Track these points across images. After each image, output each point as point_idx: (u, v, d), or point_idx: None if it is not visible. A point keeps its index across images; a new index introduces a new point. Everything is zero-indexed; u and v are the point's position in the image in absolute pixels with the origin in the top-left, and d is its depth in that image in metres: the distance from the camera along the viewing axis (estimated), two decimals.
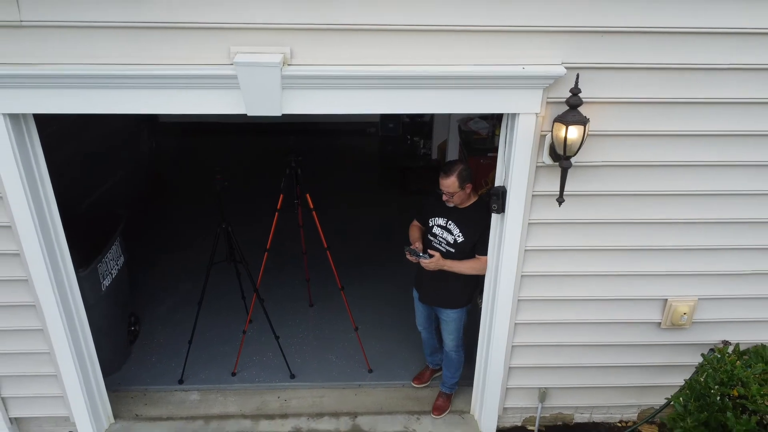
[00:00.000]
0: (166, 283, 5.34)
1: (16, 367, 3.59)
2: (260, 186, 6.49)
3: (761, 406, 2.40)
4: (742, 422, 2.36)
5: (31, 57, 2.74)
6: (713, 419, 2.51)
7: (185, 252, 5.73)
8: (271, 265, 4.39)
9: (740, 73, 2.93)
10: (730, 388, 2.53)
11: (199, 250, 5.35)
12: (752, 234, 3.36)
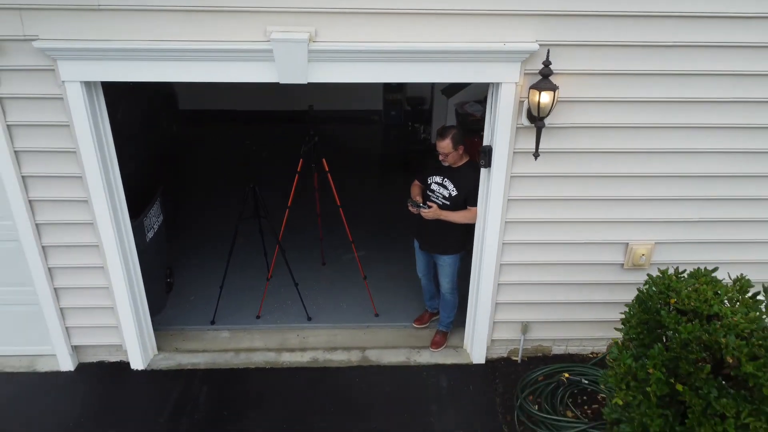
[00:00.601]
0: (197, 241, 6.02)
1: (80, 300, 4.25)
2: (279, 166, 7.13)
3: (688, 306, 3.05)
4: (672, 316, 3.00)
5: (104, 34, 3.38)
6: (652, 319, 3.16)
7: (211, 217, 6.42)
8: (288, 225, 5.03)
9: (685, 49, 3.56)
10: (667, 297, 3.18)
11: (223, 216, 6.03)
12: (702, 186, 4.01)
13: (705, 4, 3.41)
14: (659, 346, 2.99)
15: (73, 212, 3.93)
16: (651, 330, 3.18)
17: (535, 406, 4.16)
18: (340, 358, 4.68)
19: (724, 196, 4.03)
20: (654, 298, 3.18)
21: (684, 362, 2.91)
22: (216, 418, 4.10)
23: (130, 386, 4.42)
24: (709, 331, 2.87)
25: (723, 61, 3.59)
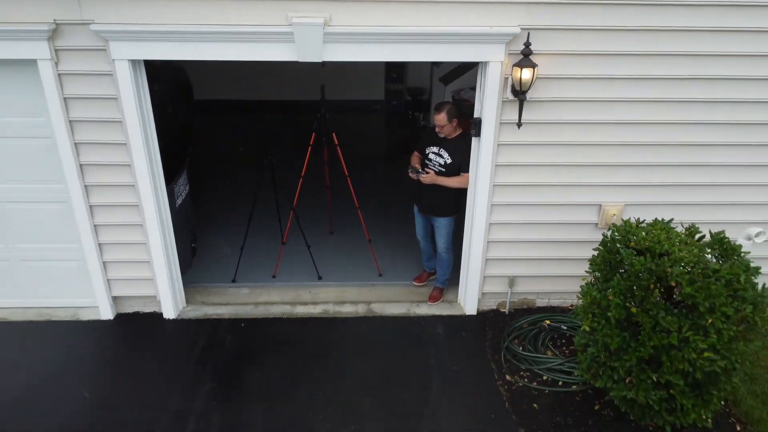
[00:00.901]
0: (217, 212, 6.64)
1: (120, 254, 4.85)
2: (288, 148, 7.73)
3: (643, 246, 3.62)
4: (629, 253, 3.59)
5: (150, 19, 3.98)
6: (613, 259, 3.74)
7: (229, 191, 7.04)
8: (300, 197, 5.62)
9: (648, 33, 4.15)
10: (627, 240, 3.75)
11: (239, 190, 6.62)
12: (665, 154, 4.59)
13: None
14: (618, 278, 3.59)
15: (117, 175, 4.52)
16: (613, 267, 3.78)
17: (520, 348, 4.76)
18: (347, 310, 5.27)
19: (684, 162, 4.62)
20: (616, 240, 3.77)
21: (638, 289, 3.51)
22: (240, 358, 4.69)
23: (163, 332, 5.01)
24: (658, 263, 3.46)
25: (681, 42, 4.18)
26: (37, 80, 4.20)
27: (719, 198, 4.75)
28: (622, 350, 3.58)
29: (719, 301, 3.27)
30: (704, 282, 3.32)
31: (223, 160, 8.17)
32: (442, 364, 4.68)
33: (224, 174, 7.69)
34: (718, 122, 4.49)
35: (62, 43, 4.05)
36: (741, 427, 4.15)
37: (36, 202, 4.74)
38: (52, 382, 4.43)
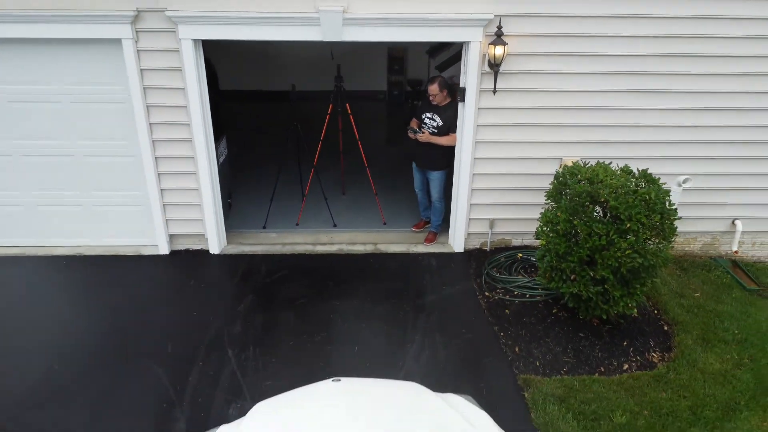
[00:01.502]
0: (247, 174, 7.85)
1: (177, 198, 6.04)
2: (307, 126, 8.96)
3: (584, 177, 4.81)
4: (573, 181, 4.77)
5: (209, 7, 5.19)
6: (562, 188, 4.92)
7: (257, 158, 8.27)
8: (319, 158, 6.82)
9: (593, 19, 5.37)
10: (574, 174, 4.93)
11: (265, 157, 7.83)
12: (612, 116, 5.80)
13: None
14: (564, 199, 4.79)
15: (178, 132, 5.73)
16: (562, 195, 4.97)
17: (497, 273, 5.94)
18: (358, 248, 6.46)
19: (625, 124, 5.82)
20: (565, 175, 4.97)
21: (579, 207, 4.71)
22: (273, 280, 5.87)
23: (210, 263, 6.20)
24: (593, 187, 4.66)
25: (619, 26, 5.39)
26: (120, 55, 5.41)
27: (654, 153, 5.94)
28: (568, 254, 4.77)
29: (635, 211, 4.47)
30: (625, 198, 4.52)
31: (252, 137, 9.39)
32: (435, 285, 5.87)
33: (254, 147, 8.90)
34: (650, 90, 5.71)
35: (141, 26, 5.27)
36: (664, 324, 5.34)
37: (110, 156, 5.94)
38: (131, 299, 5.61)
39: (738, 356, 5.07)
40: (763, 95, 5.78)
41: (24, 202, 6.12)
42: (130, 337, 5.06)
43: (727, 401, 4.58)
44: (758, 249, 6.62)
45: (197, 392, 4.45)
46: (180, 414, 4.27)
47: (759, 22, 5.45)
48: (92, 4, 5.13)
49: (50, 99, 5.67)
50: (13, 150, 5.88)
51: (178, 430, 4.14)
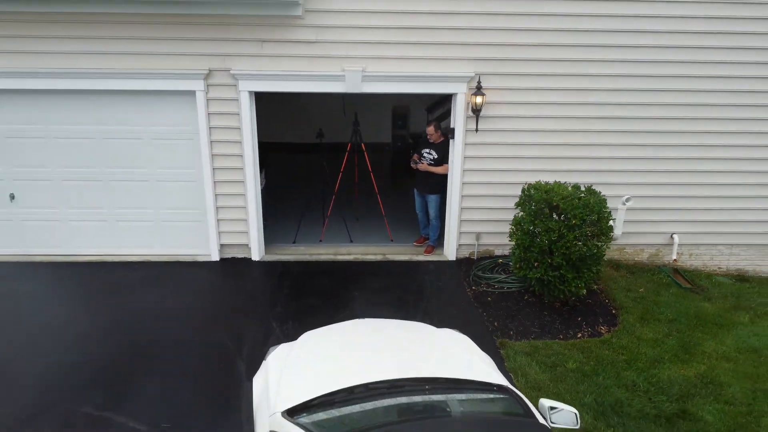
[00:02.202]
0: (281, 198, 9.49)
1: (228, 215, 7.65)
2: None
3: (544, 190, 6.42)
4: (535, 194, 6.39)
5: (262, 67, 6.99)
6: (528, 199, 6.53)
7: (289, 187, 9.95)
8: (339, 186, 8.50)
9: (549, 77, 7.16)
10: (537, 190, 6.54)
11: (296, 185, 9.51)
12: (566, 150, 7.48)
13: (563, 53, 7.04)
14: (527, 204, 6.42)
15: (233, 162, 7.41)
16: (527, 203, 6.60)
17: (481, 273, 7.48)
18: (370, 257, 8.01)
19: (578, 156, 7.51)
20: (530, 189, 6.62)
21: (537, 212, 6.33)
22: (303, 279, 7.39)
23: (253, 267, 7.75)
24: (549, 196, 6.30)
25: (573, 82, 7.17)
26: (193, 103, 7.17)
27: (603, 179, 7.57)
28: (531, 247, 6.35)
29: (578, 211, 6.08)
30: (571, 202, 6.14)
31: (284, 175, 11.10)
32: (432, 282, 7.40)
33: (285, 182, 10.61)
34: (595, 130, 7.43)
35: (211, 81, 7.05)
36: (612, 308, 6.85)
37: (178, 181, 7.59)
38: (195, 293, 7.14)
39: (667, 330, 6.55)
40: (686, 134, 7.50)
41: (108, 218, 7.73)
42: (198, 317, 6.57)
43: (655, 357, 6.04)
44: (695, 259, 8.17)
45: (253, 349, 5.91)
46: (241, 362, 5.72)
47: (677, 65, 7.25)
48: (177, 65, 6.94)
49: (136, 136, 7.39)
50: (103, 176, 7.55)
51: (240, 371, 5.59)
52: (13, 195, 7.58)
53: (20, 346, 5.92)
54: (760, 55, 7.23)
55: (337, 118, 11.41)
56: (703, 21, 7.07)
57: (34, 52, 6.88)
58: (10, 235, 7.74)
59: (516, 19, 6.98)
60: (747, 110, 7.45)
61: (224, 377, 5.50)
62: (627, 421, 5.10)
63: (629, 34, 7.08)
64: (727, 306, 7.18)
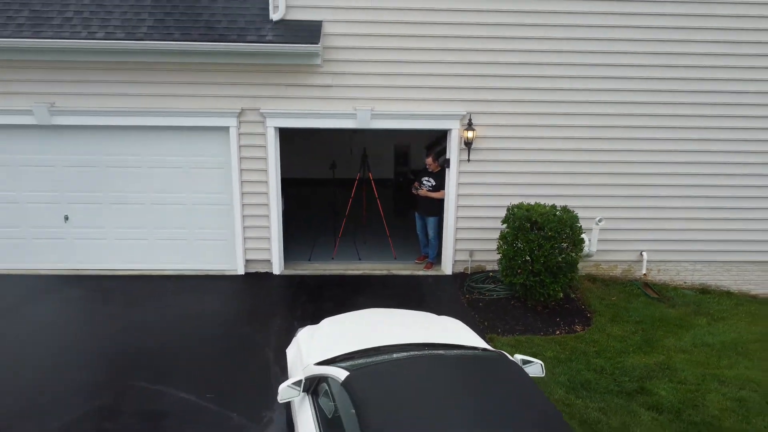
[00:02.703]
0: (297, 222, 10.63)
1: (253, 234, 8.79)
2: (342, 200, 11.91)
3: (525, 208, 7.57)
4: (518, 212, 7.53)
5: (286, 107, 8.27)
6: (512, 217, 7.67)
7: (304, 213, 11.10)
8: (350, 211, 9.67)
9: (528, 115, 8.44)
10: (520, 210, 7.69)
11: (310, 211, 10.69)
12: (548, 177, 8.68)
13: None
14: (511, 221, 7.58)
15: (259, 188, 8.60)
16: (512, 220, 7.76)
17: (474, 284, 8.57)
18: (377, 272, 9.12)
19: (556, 182, 8.71)
20: (514, 209, 7.79)
21: (520, 227, 7.48)
22: (318, 291, 8.47)
23: (274, 280, 8.84)
24: (529, 214, 7.47)
25: (551, 120, 8.44)
26: (226, 137, 8.41)
27: (580, 203, 8.75)
28: (515, 256, 7.47)
29: (554, 225, 7.23)
30: (547, 218, 7.30)
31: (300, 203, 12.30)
32: (431, 292, 8.48)
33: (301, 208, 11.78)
34: (569, 160, 8.65)
35: (243, 118, 8.32)
36: (587, 312, 7.92)
37: (211, 205, 8.77)
38: (225, 301, 8.23)
39: (634, 329, 7.60)
40: (649, 164, 8.71)
41: (148, 237, 8.88)
42: (229, 317, 7.64)
43: (621, 349, 7.08)
44: (662, 274, 9.27)
45: (278, 341, 6.97)
46: (269, 350, 6.77)
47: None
48: (215, 105, 8.22)
49: (176, 166, 8.61)
50: (146, 200, 8.73)
51: (268, 356, 6.63)
52: (67, 216, 8.74)
53: (84, 337, 6.97)
54: (715, 84, 8.52)
55: (346, 157, 12.73)
56: (663, 60, 8.40)
57: (92, 94, 8.15)
58: (63, 252, 8.86)
59: (500, 67, 8.28)
60: (703, 144, 8.68)
61: (254, 361, 6.54)
62: (594, 394, 6.12)
63: (595, 80, 8.39)
64: (688, 312, 8.24)
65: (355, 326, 5.46)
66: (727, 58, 8.38)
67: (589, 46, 8.25)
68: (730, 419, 5.82)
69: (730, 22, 8.25)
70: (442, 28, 8.10)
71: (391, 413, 3.49)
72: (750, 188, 8.89)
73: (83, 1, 8.04)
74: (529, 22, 8.13)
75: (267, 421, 5.54)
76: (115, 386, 5.99)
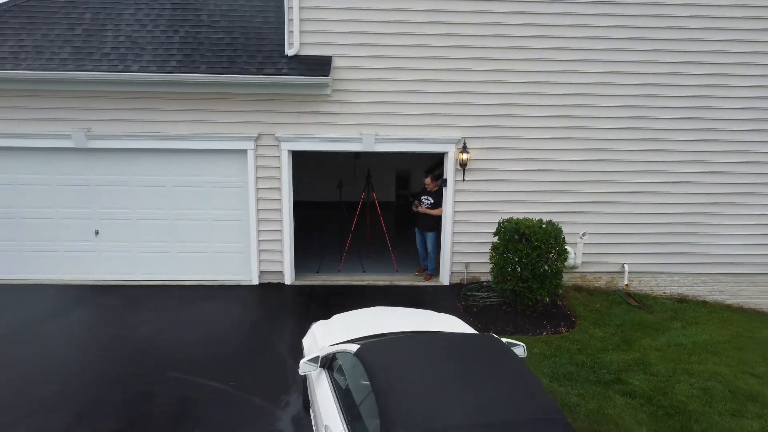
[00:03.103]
0: (306, 237, 11.46)
1: (267, 246, 9.62)
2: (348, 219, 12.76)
3: (513, 222, 8.41)
4: (507, 225, 8.36)
5: (298, 132, 9.19)
6: (503, 229, 8.50)
7: (313, 231, 11.95)
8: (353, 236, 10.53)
9: (515, 140, 9.36)
10: (510, 223, 8.52)
11: (318, 233, 11.54)
12: (535, 196, 9.56)
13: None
14: (502, 233, 8.43)
15: (273, 205, 9.47)
16: (503, 233, 8.60)
17: (469, 293, 9.37)
18: (380, 283, 9.92)
19: (542, 200, 9.58)
20: (504, 222, 8.65)
21: (509, 238, 8.33)
22: (327, 299, 9.27)
23: (285, 290, 9.64)
24: (517, 227, 8.32)
25: (537, 143, 9.35)
26: (244, 159, 9.31)
27: (565, 219, 9.60)
28: (506, 265, 8.29)
29: (539, 236, 8.07)
30: (534, 230, 8.15)
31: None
32: (431, 299, 9.28)
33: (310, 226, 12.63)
34: (555, 180, 9.54)
35: (260, 142, 9.24)
36: (572, 316, 8.71)
37: (229, 221, 9.63)
38: (240, 306, 9.02)
39: (614, 331, 8.37)
40: (628, 183, 9.60)
41: (171, 250, 9.71)
42: (246, 320, 8.43)
43: (601, 347, 7.85)
44: (643, 285, 10.07)
45: (291, 339, 7.75)
46: (283, 346, 7.55)
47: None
48: (235, 130, 9.14)
49: (198, 185, 9.49)
50: (170, 216, 9.59)
51: (283, 353, 7.40)
52: (97, 231, 9.59)
53: (121, 337, 7.76)
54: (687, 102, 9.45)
55: (351, 181, 13.67)
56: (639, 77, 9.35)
57: (124, 120, 9.08)
58: (93, 264, 9.68)
59: (491, 97, 9.23)
60: (678, 165, 9.58)
61: (271, 356, 7.31)
62: (574, 383, 6.88)
63: (576, 108, 9.34)
64: (665, 317, 9.03)
65: (363, 319, 6.26)
66: (701, 77, 9.34)
67: (568, 78, 9.20)
68: (695, 404, 6.56)
69: (676, 33, 9.23)
70: (437, 63, 9.07)
71: (397, 372, 4.27)
72: (722, 206, 9.75)
73: (119, 39, 9.04)
74: (515, 57, 9.11)
75: (284, 403, 6.29)
76: (152, 376, 6.75)
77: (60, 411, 6.02)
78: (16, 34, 9.06)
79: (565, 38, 9.10)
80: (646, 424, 6.11)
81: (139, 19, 9.51)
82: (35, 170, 9.32)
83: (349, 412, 4.50)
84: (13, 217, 9.46)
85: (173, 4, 9.88)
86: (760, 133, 9.52)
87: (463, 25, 8.99)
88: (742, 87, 9.36)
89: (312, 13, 8.85)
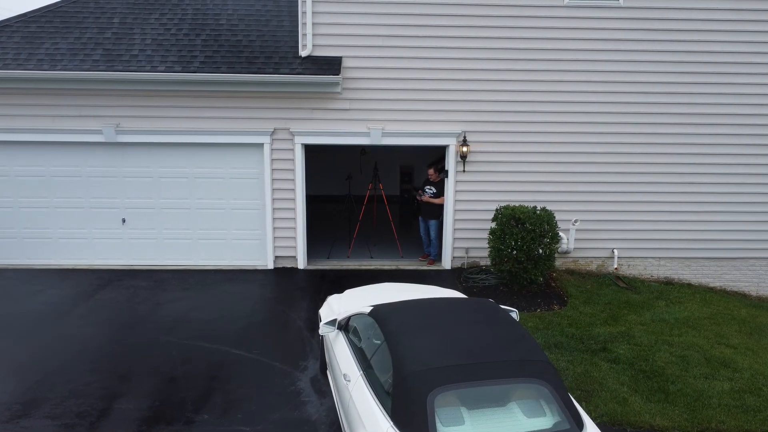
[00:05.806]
0: (318, 226, 12.22)
1: (282, 233, 10.37)
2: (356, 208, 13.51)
3: (510, 209, 9.13)
4: (504, 212, 9.08)
5: (313, 128, 9.95)
6: (500, 216, 9.23)
7: (323, 220, 12.69)
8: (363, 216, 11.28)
9: (515, 134, 10.10)
10: (507, 210, 9.25)
11: (329, 223, 12.29)
12: (531, 185, 10.30)
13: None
14: (499, 219, 9.18)
15: (287, 194, 10.22)
16: (500, 218, 9.34)
17: (469, 275, 10.11)
18: (386, 267, 10.66)
19: (537, 190, 10.31)
20: (501, 209, 9.39)
21: (506, 223, 9.07)
22: (338, 281, 10.01)
23: (299, 272, 10.39)
24: (513, 213, 9.07)
25: (533, 137, 10.09)
26: (261, 152, 10.07)
27: (559, 207, 10.33)
28: (502, 247, 9.03)
29: (533, 221, 8.81)
30: (529, 215, 8.89)
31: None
32: (434, 282, 9.99)
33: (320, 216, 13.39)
34: (549, 171, 10.27)
35: (275, 136, 9.99)
36: (564, 296, 9.44)
37: (246, 209, 10.38)
38: (258, 287, 9.78)
39: (602, 308, 9.11)
40: (616, 173, 10.32)
41: (192, 237, 10.48)
42: (264, 299, 9.19)
43: (590, 322, 8.58)
44: (632, 269, 10.79)
45: (306, 315, 8.50)
46: (299, 321, 8.29)
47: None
48: (252, 125, 9.90)
49: (218, 176, 10.25)
50: (192, 206, 10.35)
51: (299, 326, 8.16)
52: (124, 219, 10.36)
53: (153, 313, 8.52)
54: (679, 97, 10.17)
55: (357, 177, 14.43)
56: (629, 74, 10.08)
57: (150, 116, 9.84)
58: (120, 250, 10.45)
59: (489, 94, 9.98)
60: (665, 157, 10.30)
61: (289, 329, 8.07)
62: (564, 352, 7.61)
63: (570, 104, 10.07)
64: (651, 297, 9.75)
65: (373, 291, 7.01)
66: (694, 75, 10.06)
67: (560, 77, 9.94)
68: (672, 369, 7.29)
69: (669, 35, 9.96)
70: (440, 62, 9.82)
71: (405, 325, 5.01)
72: (706, 194, 10.47)
73: (146, 41, 9.81)
74: (514, 57, 9.85)
75: (303, 367, 7.04)
76: (184, 346, 7.51)
77: (106, 372, 6.79)
78: (51, 38, 9.83)
79: (558, 39, 9.83)
80: (628, 384, 6.84)
81: (164, 23, 10.28)
82: (68, 163, 10.09)
83: (363, 364, 5.24)
84: (47, 206, 10.22)
85: (195, 9, 10.64)
86: (740, 127, 10.24)
87: (462, 28, 9.73)
88: (722, 80, 10.09)
89: (323, 18, 9.61)
